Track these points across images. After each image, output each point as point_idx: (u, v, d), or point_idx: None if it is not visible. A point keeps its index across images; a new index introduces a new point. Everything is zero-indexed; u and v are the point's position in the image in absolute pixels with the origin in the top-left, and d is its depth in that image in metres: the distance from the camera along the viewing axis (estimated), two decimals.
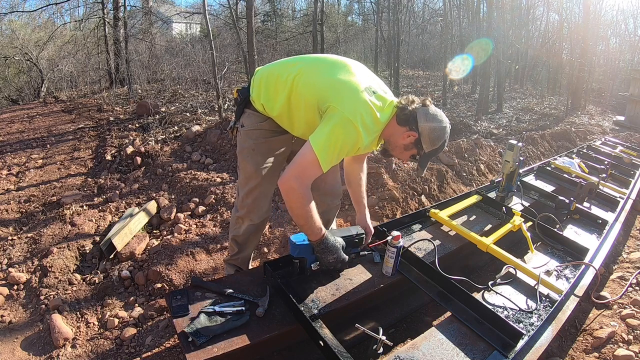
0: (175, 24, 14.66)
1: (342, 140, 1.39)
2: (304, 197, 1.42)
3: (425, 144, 1.53)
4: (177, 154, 4.20)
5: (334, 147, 1.39)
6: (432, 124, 1.51)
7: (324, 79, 1.51)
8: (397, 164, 3.48)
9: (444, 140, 1.55)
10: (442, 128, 1.53)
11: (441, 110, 1.58)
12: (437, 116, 1.53)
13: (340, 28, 15.41)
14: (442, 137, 1.53)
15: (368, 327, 1.44)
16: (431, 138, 1.52)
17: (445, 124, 1.54)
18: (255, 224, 1.87)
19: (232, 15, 7.30)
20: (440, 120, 1.53)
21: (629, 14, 18.54)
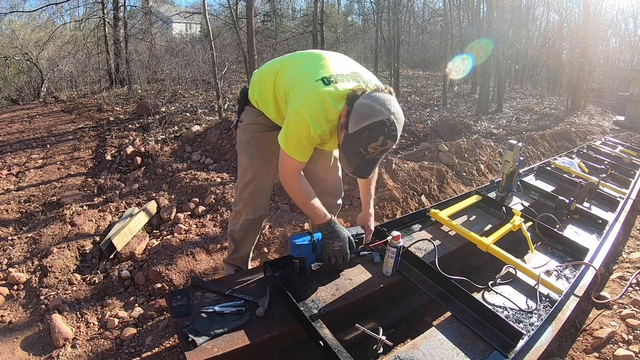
0: (175, 24, 14.66)
1: (294, 131, 1.41)
2: (294, 189, 1.52)
3: (351, 121, 1.31)
4: (177, 154, 4.20)
5: (292, 138, 1.42)
6: (366, 101, 1.29)
7: (292, 74, 1.52)
8: (397, 164, 3.48)
9: (369, 125, 1.25)
10: (373, 109, 1.26)
11: (398, 105, 1.32)
12: (380, 99, 1.28)
13: (340, 28, 15.41)
14: (368, 118, 1.26)
15: (368, 327, 1.44)
16: (356, 115, 1.29)
17: (381, 110, 1.25)
18: (250, 220, 1.88)
19: (232, 15, 7.30)
20: (381, 103, 1.27)
21: (629, 14, 18.54)
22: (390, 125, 1.26)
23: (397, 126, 1.28)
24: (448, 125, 6.06)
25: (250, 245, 2.03)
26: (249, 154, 1.76)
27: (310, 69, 1.48)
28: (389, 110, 1.27)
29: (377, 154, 1.31)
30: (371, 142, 1.27)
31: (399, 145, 5.14)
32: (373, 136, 1.27)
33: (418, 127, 5.81)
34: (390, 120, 1.26)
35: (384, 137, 1.27)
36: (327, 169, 1.90)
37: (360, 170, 1.38)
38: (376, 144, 1.27)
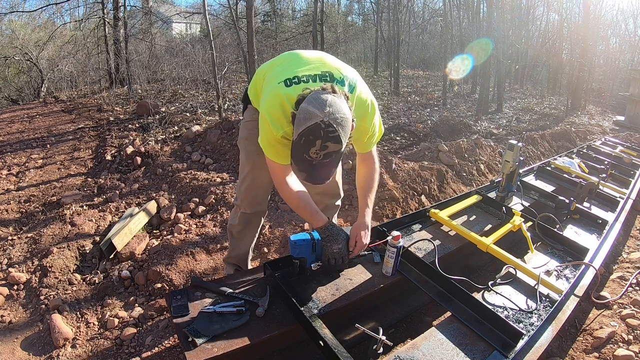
0: (175, 24, 14.67)
1: (263, 133, 1.42)
2: (285, 193, 1.54)
3: (294, 127, 1.25)
4: (177, 154, 4.20)
5: (264, 141, 1.44)
6: (304, 105, 1.23)
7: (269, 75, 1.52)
8: (397, 164, 3.48)
9: (306, 128, 1.19)
10: (309, 112, 1.19)
11: (339, 104, 1.22)
12: (317, 101, 1.21)
13: (340, 28, 15.40)
14: (304, 122, 1.19)
15: (368, 327, 1.44)
16: (297, 120, 1.23)
17: (315, 112, 1.18)
18: (247, 214, 1.89)
19: (232, 15, 7.31)
20: (317, 105, 1.19)
21: (629, 14, 18.53)
22: (326, 127, 1.18)
23: (337, 126, 1.19)
24: (448, 125, 6.06)
25: (248, 243, 2.03)
26: (246, 149, 1.79)
27: (280, 70, 1.46)
28: (325, 112, 1.18)
29: (322, 158, 1.22)
30: (310, 147, 1.20)
31: (399, 145, 5.14)
32: (310, 140, 1.19)
33: (418, 127, 5.81)
34: (326, 122, 1.18)
35: (322, 141, 1.18)
36: None
37: (312, 178, 1.30)
38: (315, 148, 1.20)
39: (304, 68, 1.43)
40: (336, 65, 1.48)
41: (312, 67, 1.44)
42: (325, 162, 1.24)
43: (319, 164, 1.24)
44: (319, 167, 1.26)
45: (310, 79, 1.39)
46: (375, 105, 1.52)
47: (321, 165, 1.25)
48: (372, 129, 1.53)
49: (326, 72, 1.42)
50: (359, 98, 1.45)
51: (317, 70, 1.42)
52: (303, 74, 1.40)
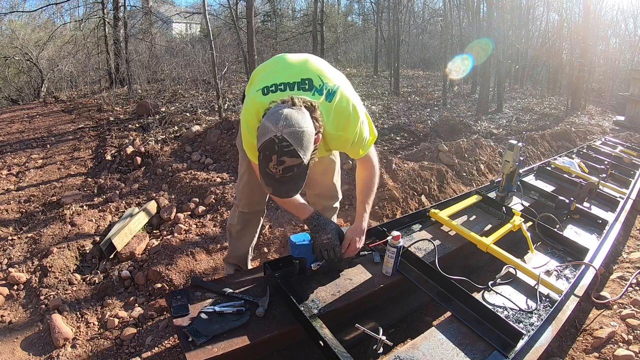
0: (175, 24, 14.67)
1: (243, 137, 1.47)
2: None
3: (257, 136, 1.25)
4: (177, 154, 4.20)
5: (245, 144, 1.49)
6: (264, 120, 1.22)
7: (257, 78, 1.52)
8: (397, 164, 3.48)
9: (262, 144, 1.18)
10: (264, 127, 1.19)
11: (295, 117, 1.19)
12: (272, 115, 1.20)
13: (340, 28, 15.41)
14: (261, 138, 1.19)
15: (368, 327, 1.44)
16: (258, 134, 1.23)
17: (269, 128, 1.17)
18: (245, 213, 1.90)
19: (232, 15, 7.31)
20: (272, 119, 1.18)
21: (629, 14, 18.56)
22: (280, 142, 1.15)
23: (291, 141, 1.16)
24: (448, 125, 6.06)
25: (248, 243, 2.03)
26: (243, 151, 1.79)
27: (264, 76, 1.46)
28: (278, 126, 1.16)
29: (282, 173, 1.20)
30: (268, 162, 1.19)
31: (399, 145, 5.14)
32: (267, 156, 1.18)
33: (418, 127, 5.81)
34: (279, 137, 1.15)
35: (277, 156, 1.16)
36: (323, 172, 1.89)
37: (278, 192, 1.28)
38: (272, 163, 1.18)
39: (285, 75, 1.41)
40: (319, 71, 1.43)
41: (294, 74, 1.41)
42: (288, 177, 1.22)
43: (282, 178, 1.22)
44: (284, 182, 1.23)
45: (287, 87, 1.37)
46: (359, 112, 1.43)
47: (285, 179, 1.22)
48: (356, 137, 1.44)
49: (306, 79, 1.39)
50: (338, 107, 1.38)
51: (298, 77, 1.39)
52: (282, 81, 1.38)
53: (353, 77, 10.98)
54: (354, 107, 1.41)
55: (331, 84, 1.40)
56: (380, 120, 6.24)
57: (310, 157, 1.25)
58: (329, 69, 1.49)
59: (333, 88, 1.39)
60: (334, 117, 1.38)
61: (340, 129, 1.40)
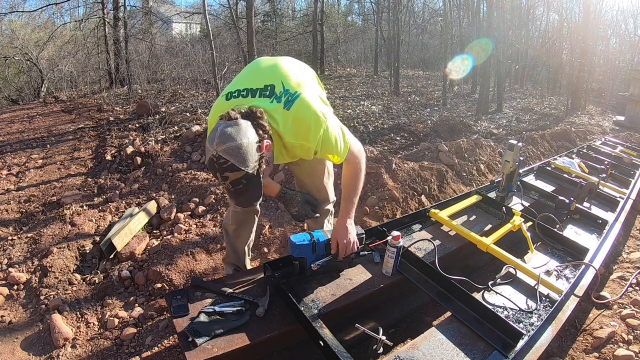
0: (175, 24, 14.67)
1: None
2: None
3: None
4: (177, 154, 4.20)
5: None
6: (206, 141, 1.26)
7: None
8: (397, 164, 3.48)
9: (207, 166, 1.26)
10: (206, 148, 1.24)
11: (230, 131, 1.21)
12: (211, 134, 1.24)
13: (340, 28, 15.41)
14: (206, 155, 1.24)
15: (368, 327, 1.44)
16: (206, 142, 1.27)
17: (208, 148, 1.21)
18: (238, 212, 1.90)
19: (232, 15, 7.31)
20: (210, 138, 1.23)
21: (629, 14, 18.55)
22: (217, 160, 1.19)
23: (226, 156, 1.19)
24: (448, 125, 6.06)
25: (244, 242, 2.02)
26: None
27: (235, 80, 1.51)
28: (213, 146, 1.20)
29: (232, 186, 1.24)
30: (217, 180, 1.24)
31: (399, 145, 5.15)
32: (214, 174, 1.24)
33: (418, 127, 5.81)
34: (216, 156, 1.19)
35: (220, 172, 1.21)
36: (311, 173, 1.88)
37: (239, 202, 1.33)
38: (219, 180, 1.24)
39: (250, 80, 1.45)
40: (284, 77, 1.44)
41: (259, 80, 1.44)
42: (240, 189, 1.25)
43: (236, 190, 1.25)
44: (240, 193, 1.27)
45: (249, 93, 1.40)
46: (322, 120, 1.37)
47: (239, 191, 1.26)
48: (319, 146, 1.40)
49: (269, 85, 1.41)
50: (297, 115, 1.36)
51: (261, 83, 1.42)
52: (245, 87, 1.42)
53: (353, 77, 10.98)
54: (315, 114, 1.37)
55: (292, 91, 1.39)
56: (380, 120, 6.24)
57: (257, 165, 1.26)
58: (297, 74, 1.48)
59: (294, 95, 1.38)
60: (292, 125, 1.37)
61: (301, 137, 1.38)
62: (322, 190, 1.93)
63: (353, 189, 1.60)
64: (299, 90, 1.41)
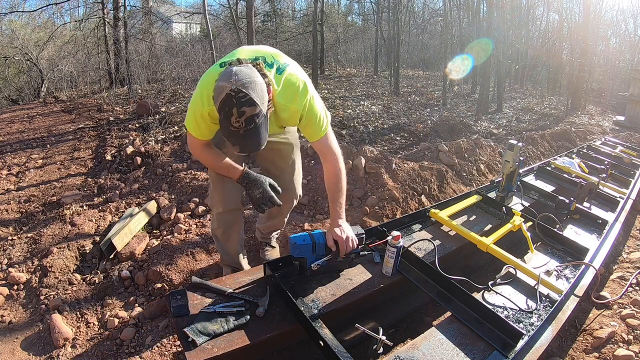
0: (175, 24, 14.66)
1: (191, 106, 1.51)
2: (201, 157, 1.70)
3: (215, 104, 1.31)
4: (177, 154, 4.20)
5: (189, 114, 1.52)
6: (217, 83, 1.29)
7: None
8: (397, 164, 3.48)
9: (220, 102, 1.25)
10: (219, 87, 1.26)
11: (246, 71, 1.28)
12: (224, 75, 1.28)
13: (340, 28, 15.41)
14: (217, 99, 1.26)
15: (368, 327, 1.44)
16: (215, 97, 1.30)
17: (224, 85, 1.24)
18: (222, 214, 1.92)
19: (232, 15, 7.31)
20: (225, 78, 1.26)
21: (629, 14, 18.56)
22: (236, 94, 1.22)
23: (245, 90, 1.23)
24: (448, 125, 6.06)
25: (235, 244, 2.02)
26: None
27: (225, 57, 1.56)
28: (231, 81, 1.23)
29: (245, 125, 1.26)
30: (230, 118, 1.24)
31: (399, 145, 5.15)
32: (227, 112, 1.24)
33: (418, 127, 5.81)
34: (235, 90, 1.22)
35: (237, 107, 1.22)
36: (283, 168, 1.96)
37: (245, 148, 1.34)
38: (234, 117, 1.24)
39: (240, 54, 1.51)
40: (273, 53, 1.55)
41: (249, 53, 1.51)
42: (251, 129, 1.28)
43: (245, 132, 1.28)
44: (248, 135, 1.29)
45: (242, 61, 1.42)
46: (309, 88, 1.50)
47: (249, 132, 1.28)
48: (305, 110, 1.50)
49: (259, 57, 1.49)
50: (288, 79, 1.47)
51: (253, 55, 1.49)
52: (238, 57, 1.45)
53: (353, 77, 10.98)
54: (303, 82, 1.49)
55: (282, 62, 1.51)
56: (380, 120, 6.24)
57: (266, 107, 1.32)
58: (284, 55, 1.59)
59: (283, 65, 1.49)
60: (282, 88, 1.46)
61: (289, 100, 1.47)
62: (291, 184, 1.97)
63: (337, 189, 1.65)
64: (287, 62, 1.53)
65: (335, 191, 1.65)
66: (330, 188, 1.67)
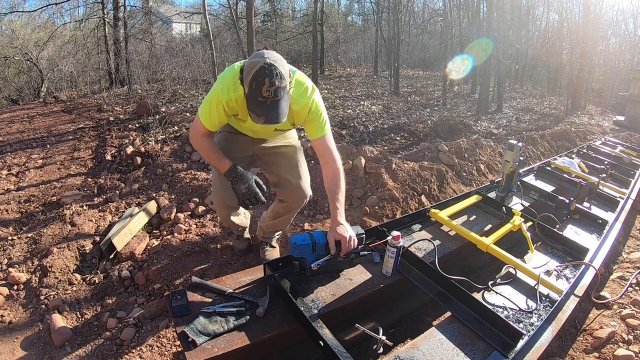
0: (175, 24, 14.65)
1: (208, 95, 1.64)
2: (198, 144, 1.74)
3: (244, 83, 1.48)
4: (177, 154, 4.20)
5: (205, 102, 1.65)
6: (249, 60, 1.47)
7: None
8: (397, 164, 3.48)
9: (253, 74, 1.41)
10: (252, 63, 1.43)
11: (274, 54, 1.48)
12: (256, 55, 1.47)
13: (340, 28, 15.40)
14: (251, 69, 1.42)
15: (368, 327, 1.44)
16: (244, 76, 1.47)
17: (257, 61, 1.42)
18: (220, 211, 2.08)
19: (232, 15, 7.31)
20: (257, 56, 1.45)
21: (629, 14, 18.55)
22: (269, 67, 1.40)
23: (277, 65, 1.42)
24: (448, 125, 6.06)
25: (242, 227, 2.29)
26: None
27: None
28: (265, 57, 1.42)
29: (272, 95, 1.42)
30: (261, 87, 1.40)
31: (399, 145, 5.15)
32: (260, 81, 1.40)
33: (418, 127, 5.81)
34: (268, 63, 1.40)
35: (269, 78, 1.40)
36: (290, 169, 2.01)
37: (270, 117, 1.46)
38: (265, 86, 1.40)
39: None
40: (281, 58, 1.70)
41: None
42: (277, 100, 1.44)
43: (272, 102, 1.43)
44: (275, 106, 1.44)
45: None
46: (316, 90, 1.66)
47: (274, 103, 1.44)
48: (313, 106, 1.64)
49: None
50: (297, 80, 1.62)
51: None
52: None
53: (353, 77, 10.98)
54: (311, 85, 1.65)
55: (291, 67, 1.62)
56: (380, 120, 6.24)
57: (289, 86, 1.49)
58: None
59: (292, 70, 1.62)
60: (295, 85, 1.60)
61: (300, 95, 1.62)
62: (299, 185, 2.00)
63: (337, 189, 1.71)
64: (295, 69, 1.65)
65: (335, 191, 1.69)
66: (330, 188, 1.71)
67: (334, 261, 1.70)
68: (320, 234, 1.68)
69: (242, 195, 1.69)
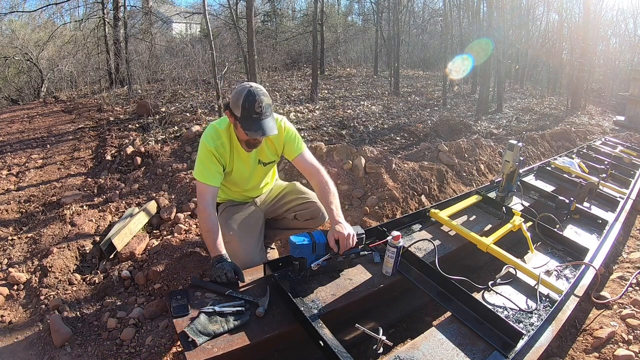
0: (175, 24, 14.66)
1: (198, 158, 1.80)
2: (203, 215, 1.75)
3: (234, 111, 1.67)
4: (177, 154, 4.20)
5: (197, 166, 1.80)
6: (234, 91, 1.70)
7: None
8: (397, 164, 3.48)
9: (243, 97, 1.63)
10: (238, 91, 1.67)
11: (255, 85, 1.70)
12: (238, 86, 1.71)
13: (340, 28, 15.40)
14: (240, 95, 1.64)
15: (368, 327, 1.44)
16: (232, 105, 1.68)
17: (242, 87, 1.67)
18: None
19: (232, 15, 7.31)
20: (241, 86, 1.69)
21: (629, 14, 18.52)
22: (255, 89, 1.65)
23: (260, 88, 1.68)
24: (448, 125, 6.06)
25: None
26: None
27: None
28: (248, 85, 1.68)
29: (264, 110, 1.65)
30: (254, 104, 1.63)
31: (399, 145, 5.15)
32: (251, 100, 1.63)
33: (418, 127, 5.81)
34: (253, 87, 1.66)
35: (257, 96, 1.64)
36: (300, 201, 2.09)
37: (266, 129, 1.66)
38: (257, 103, 1.63)
39: None
40: None
41: None
42: (267, 115, 1.67)
43: (264, 118, 1.66)
44: (266, 121, 1.67)
45: None
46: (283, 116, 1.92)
47: (266, 117, 1.67)
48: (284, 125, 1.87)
49: None
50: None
51: None
52: None
53: (353, 77, 10.98)
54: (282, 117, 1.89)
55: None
56: (380, 120, 6.24)
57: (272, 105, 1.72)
58: None
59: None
60: None
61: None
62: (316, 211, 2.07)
63: (328, 195, 1.81)
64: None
65: (327, 197, 1.81)
66: (321, 196, 1.84)
67: (334, 261, 1.70)
68: (320, 234, 1.68)
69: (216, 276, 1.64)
